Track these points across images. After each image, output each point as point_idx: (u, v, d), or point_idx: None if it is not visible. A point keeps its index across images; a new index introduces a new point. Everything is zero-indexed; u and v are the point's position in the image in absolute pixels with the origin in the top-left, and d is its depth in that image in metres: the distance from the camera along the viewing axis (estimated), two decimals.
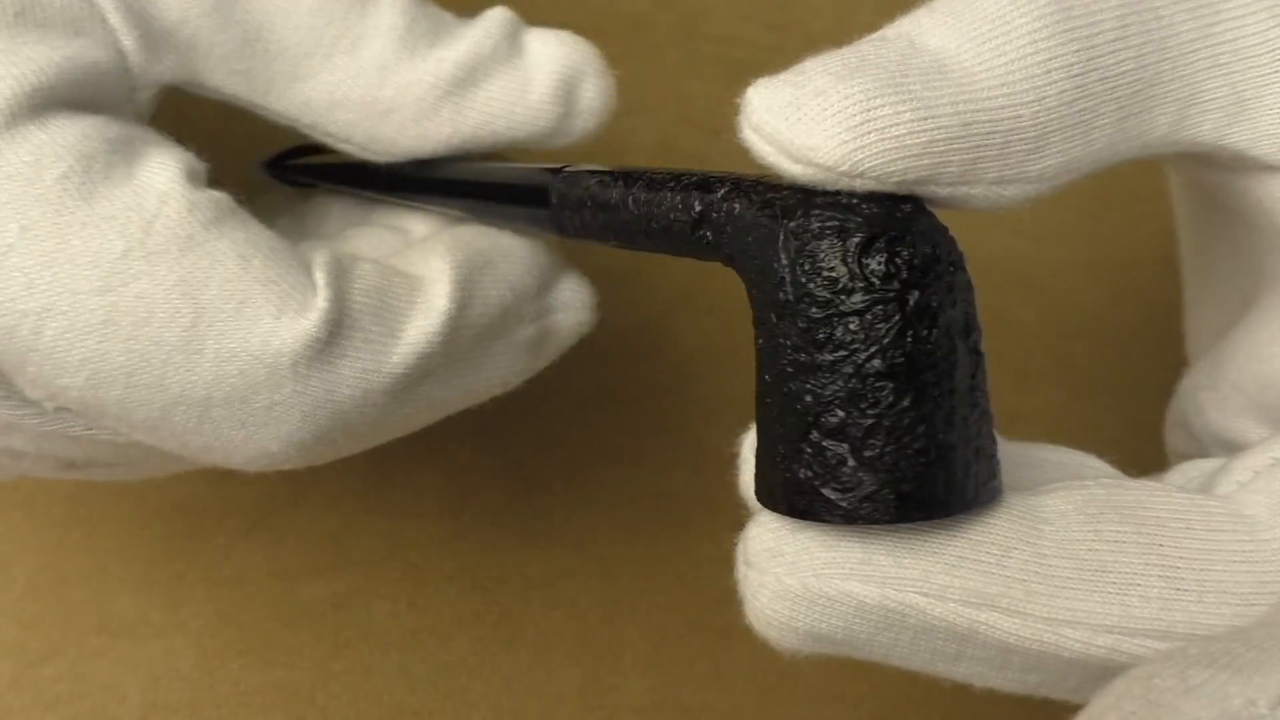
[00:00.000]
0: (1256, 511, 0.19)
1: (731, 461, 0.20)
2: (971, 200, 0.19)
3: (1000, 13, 0.19)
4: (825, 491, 0.18)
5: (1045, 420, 0.35)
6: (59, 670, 0.32)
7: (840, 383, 0.18)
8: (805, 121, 0.18)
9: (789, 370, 0.18)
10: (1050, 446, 0.21)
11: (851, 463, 0.18)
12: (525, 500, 0.34)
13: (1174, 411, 0.25)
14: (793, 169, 0.18)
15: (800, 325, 0.18)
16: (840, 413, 0.18)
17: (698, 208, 0.19)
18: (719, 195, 0.19)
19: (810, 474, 0.18)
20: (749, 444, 0.20)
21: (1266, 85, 0.20)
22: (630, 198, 0.21)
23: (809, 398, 0.18)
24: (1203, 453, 0.23)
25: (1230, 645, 0.16)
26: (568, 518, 0.34)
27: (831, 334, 0.18)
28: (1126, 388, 0.36)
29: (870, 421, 0.18)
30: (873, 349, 0.18)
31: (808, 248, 0.18)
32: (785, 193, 0.18)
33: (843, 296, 0.17)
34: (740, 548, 0.19)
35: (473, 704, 0.33)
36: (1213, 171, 0.21)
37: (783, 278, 0.18)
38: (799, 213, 0.18)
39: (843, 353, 0.18)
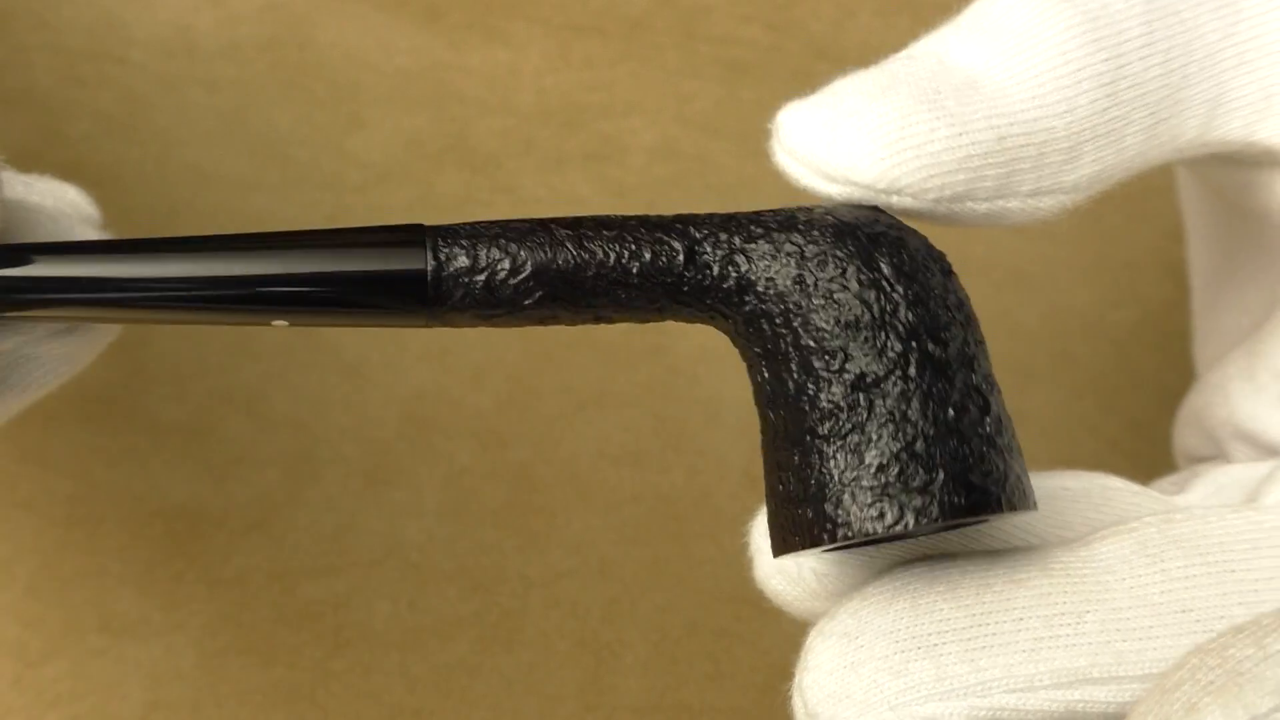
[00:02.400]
0: None
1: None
2: (1008, 215, 0.19)
3: (1027, 26, 0.19)
4: (864, 510, 0.17)
5: (1045, 420, 0.35)
6: (60, 670, 0.32)
7: (866, 396, 0.18)
8: (841, 142, 0.18)
9: (808, 393, 0.18)
10: (1067, 473, 0.21)
11: (892, 475, 0.17)
12: (525, 500, 0.34)
13: (1188, 410, 0.24)
14: (828, 189, 0.18)
15: (822, 348, 0.18)
16: (872, 431, 0.18)
17: (685, 244, 0.18)
18: (704, 230, 0.18)
19: (850, 499, 0.17)
20: (759, 530, 0.19)
21: None
22: (593, 245, 0.18)
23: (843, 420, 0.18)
24: (1219, 452, 0.23)
25: None
26: (568, 518, 0.34)
27: (850, 350, 0.18)
28: (1126, 388, 0.36)
29: (902, 432, 0.17)
30: (893, 352, 0.18)
31: (818, 264, 0.18)
32: (767, 217, 0.18)
33: (864, 306, 0.18)
34: (797, 699, 0.18)
35: (473, 704, 0.33)
36: (1239, 170, 0.21)
37: (798, 301, 0.18)
38: (800, 234, 0.18)
39: (861, 364, 0.18)
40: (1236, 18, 0.20)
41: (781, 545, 0.18)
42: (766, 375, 0.18)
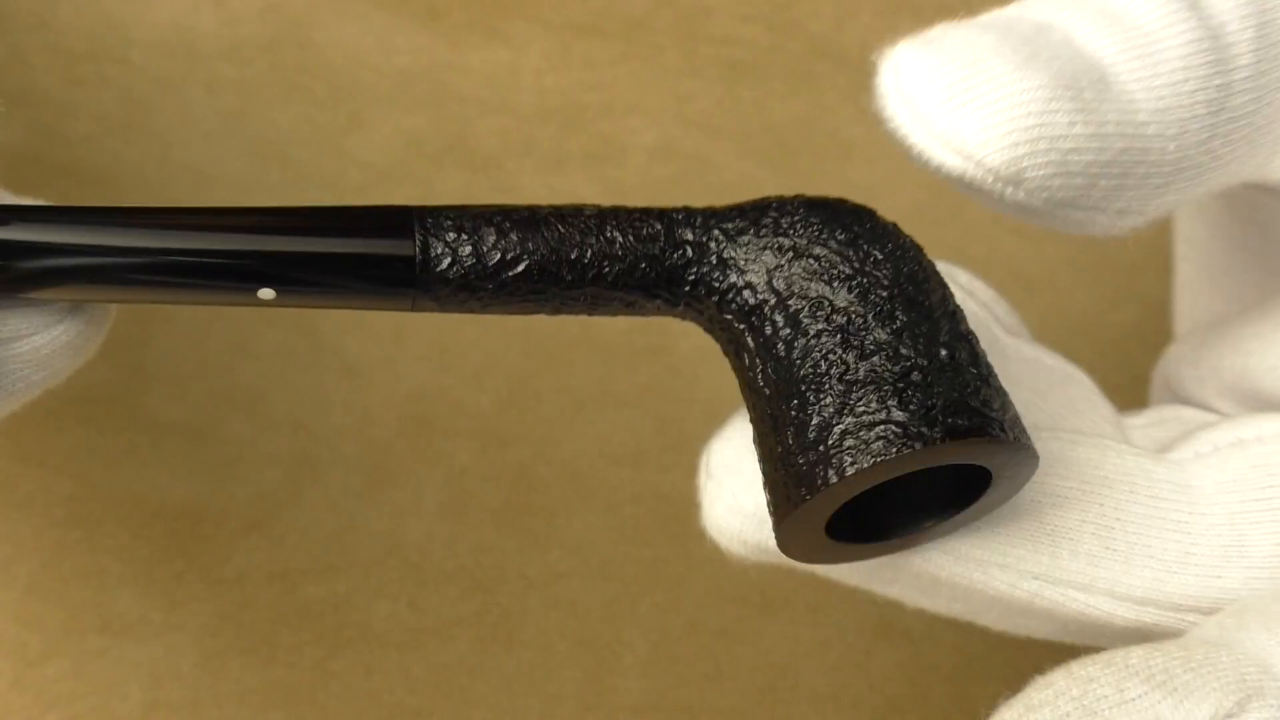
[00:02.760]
0: (1203, 485, 0.20)
1: None
2: (1087, 226, 0.17)
3: (1157, 26, 0.17)
4: (867, 443, 0.17)
5: None
6: (60, 670, 0.32)
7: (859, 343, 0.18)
8: (975, 110, 0.16)
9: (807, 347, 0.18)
10: (1056, 355, 0.22)
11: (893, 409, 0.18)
12: (525, 500, 0.34)
13: (1158, 371, 0.25)
14: (945, 159, 0.16)
15: (808, 300, 0.18)
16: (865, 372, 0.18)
17: (663, 222, 0.19)
18: (681, 214, 0.19)
19: (851, 434, 0.17)
20: (721, 459, 0.20)
21: None
22: (576, 220, 0.18)
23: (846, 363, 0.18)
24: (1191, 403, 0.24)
25: (1170, 663, 0.16)
26: (568, 518, 0.34)
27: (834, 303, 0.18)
28: (1126, 388, 0.36)
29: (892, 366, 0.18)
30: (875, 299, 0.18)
31: (796, 229, 0.18)
32: (742, 205, 0.19)
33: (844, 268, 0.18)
34: (703, 459, 0.20)
35: (473, 704, 0.33)
36: (1259, 194, 0.21)
37: (780, 264, 0.18)
38: (774, 209, 0.19)
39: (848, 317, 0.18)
40: None
41: (785, 503, 0.18)
42: (753, 345, 0.18)
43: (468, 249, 0.18)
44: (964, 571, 0.19)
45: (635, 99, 0.35)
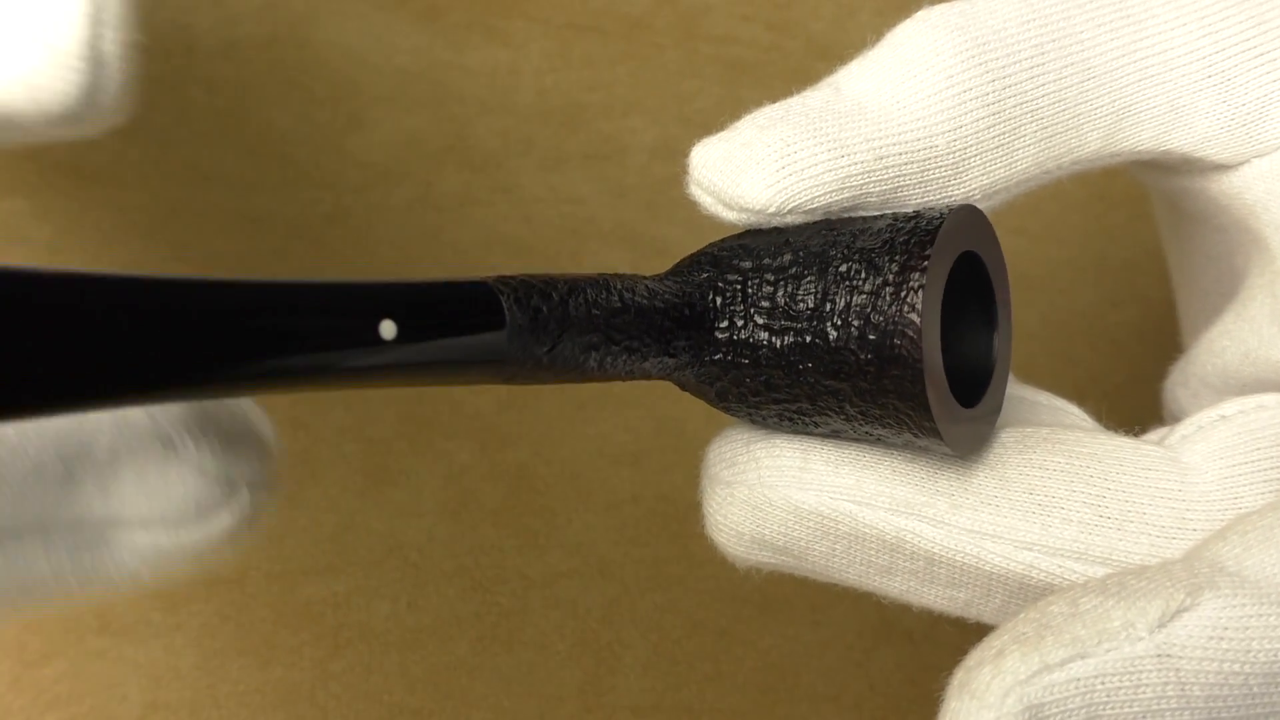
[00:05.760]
0: (1192, 458, 0.20)
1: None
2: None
3: (918, 54, 0.20)
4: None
5: None
6: (59, 670, 0.32)
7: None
8: (734, 172, 0.19)
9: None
10: (1044, 393, 0.23)
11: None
12: (525, 500, 0.34)
13: (1164, 399, 0.25)
14: (730, 216, 0.20)
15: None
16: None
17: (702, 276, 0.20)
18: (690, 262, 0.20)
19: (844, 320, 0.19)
20: (720, 457, 0.21)
21: (1199, 91, 0.21)
22: (645, 289, 0.20)
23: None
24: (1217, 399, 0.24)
25: (1125, 577, 0.17)
26: (568, 518, 0.34)
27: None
28: (1126, 388, 0.36)
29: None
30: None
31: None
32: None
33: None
34: (704, 464, 0.21)
35: (473, 704, 0.33)
36: (1172, 177, 0.22)
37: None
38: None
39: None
40: (1138, 35, 0.21)
41: (903, 362, 0.19)
42: (730, 356, 0.20)
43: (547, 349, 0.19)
44: (955, 544, 0.19)
45: (635, 98, 0.35)
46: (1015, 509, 0.19)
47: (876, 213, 0.20)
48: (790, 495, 0.20)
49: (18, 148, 0.19)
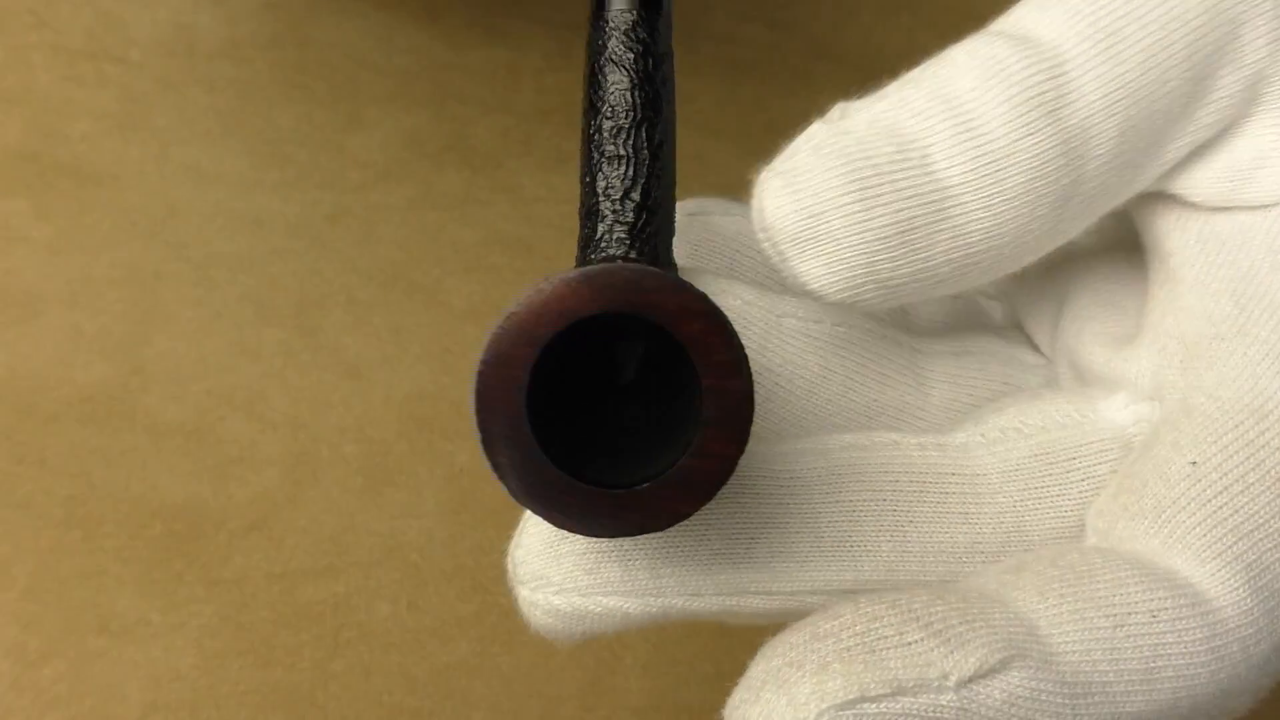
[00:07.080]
0: (988, 473, 0.21)
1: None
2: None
3: (1008, 143, 0.19)
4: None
5: None
6: (59, 671, 0.32)
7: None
8: (812, 259, 0.19)
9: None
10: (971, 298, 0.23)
11: None
12: None
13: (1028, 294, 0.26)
14: (794, 284, 0.19)
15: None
16: None
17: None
18: None
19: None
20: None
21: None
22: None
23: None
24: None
25: (949, 613, 0.17)
26: None
27: None
28: None
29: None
30: None
31: None
32: None
33: None
34: (509, 562, 0.21)
35: (473, 704, 0.33)
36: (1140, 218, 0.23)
37: None
38: None
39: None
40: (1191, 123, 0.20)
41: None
42: None
43: None
44: (780, 606, 0.20)
45: None
46: (831, 562, 0.20)
47: None
48: (615, 605, 0.20)
49: (17, 147, 0.19)
